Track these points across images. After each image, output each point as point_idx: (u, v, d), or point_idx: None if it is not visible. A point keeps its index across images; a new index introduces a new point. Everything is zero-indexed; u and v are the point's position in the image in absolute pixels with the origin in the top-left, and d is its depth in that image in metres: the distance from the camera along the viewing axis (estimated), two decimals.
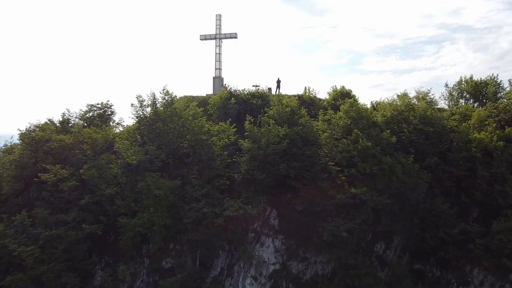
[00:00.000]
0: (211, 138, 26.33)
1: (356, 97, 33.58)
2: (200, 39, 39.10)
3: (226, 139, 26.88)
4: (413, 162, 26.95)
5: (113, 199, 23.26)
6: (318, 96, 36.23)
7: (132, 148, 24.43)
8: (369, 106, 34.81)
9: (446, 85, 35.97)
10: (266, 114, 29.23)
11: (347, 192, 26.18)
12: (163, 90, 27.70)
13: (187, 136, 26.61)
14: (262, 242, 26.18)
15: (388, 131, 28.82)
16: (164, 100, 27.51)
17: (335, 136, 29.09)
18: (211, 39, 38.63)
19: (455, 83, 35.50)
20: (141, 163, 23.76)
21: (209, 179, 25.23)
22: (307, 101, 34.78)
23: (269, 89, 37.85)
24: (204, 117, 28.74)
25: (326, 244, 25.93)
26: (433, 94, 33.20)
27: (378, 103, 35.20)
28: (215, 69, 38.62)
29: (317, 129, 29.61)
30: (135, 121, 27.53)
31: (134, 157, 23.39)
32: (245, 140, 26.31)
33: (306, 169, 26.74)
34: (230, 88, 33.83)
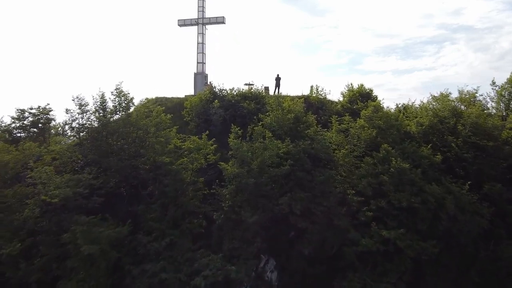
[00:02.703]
0: (180, 159, 18.26)
1: (381, 100, 25.53)
2: (178, 24, 30.99)
3: (203, 160, 18.78)
4: (468, 192, 19.04)
5: (17, 261, 15.19)
6: (329, 97, 28.19)
7: (58, 177, 16.31)
8: (393, 110, 26.79)
9: (493, 83, 27.85)
10: (261, 123, 21.21)
11: (375, 235, 18.46)
12: (116, 89, 19.66)
13: (150, 156, 18.64)
14: None
15: (428, 146, 20.89)
16: (117, 104, 19.48)
17: (355, 152, 21.06)
18: (192, 25, 30.51)
19: (505, 81, 27.41)
20: (69, 201, 15.68)
21: (175, 219, 17.21)
22: (315, 104, 26.78)
23: (266, 88, 29.74)
24: (175, 127, 20.70)
25: None
26: (481, 95, 25.28)
27: (406, 107, 27.20)
28: (197, 63, 30.49)
29: (330, 142, 21.53)
30: (73, 134, 19.52)
31: (56, 191, 15.33)
32: (229, 163, 18.26)
33: (316, 201, 18.96)
34: (214, 87, 25.81)
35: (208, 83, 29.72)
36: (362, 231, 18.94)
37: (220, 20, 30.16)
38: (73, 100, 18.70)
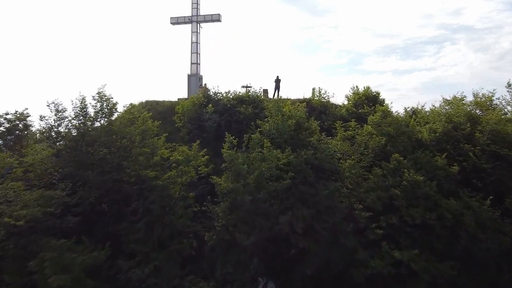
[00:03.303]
0: (167, 173, 16.33)
1: (389, 104, 23.63)
2: (171, 22, 29.10)
3: (193, 173, 16.83)
4: (489, 207, 17.15)
5: None
6: (332, 100, 26.25)
7: (27, 194, 14.41)
8: (401, 114, 24.83)
9: (509, 85, 25.88)
10: (258, 130, 19.26)
11: (386, 255, 16.55)
12: (98, 93, 17.72)
13: (134, 168, 16.72)
14: None
15: (443, 156, 18.95)
16: (98, 110, 17.54)
17: (362, 163, 19.10)
18: (185, 23, 28.62)
19: None
20: (38, 222, 13.75)
21: (162, 240, 15.28)
22: (317, 108, 24.84)
23: (265, 91, 27.81)
24: (164, 135, 18.77)
25: None
26: (498, 99, 23.32)
27: (416, 110, 25.27)
28: (191, 64, 28.59)
29: (334, 151, 19.57)
30: (49, 144, 17.53)
31: (23, 212, 13.43)
32: (223, 176, 16.29)
33: (320, 218, 16.96)
34: (209, 90, 23.90)
35: (203, 85, 27.80)
36: (371, 251, 17.05)
37: (215, 18, 28.22)
38: (48, 105, 16.77)
